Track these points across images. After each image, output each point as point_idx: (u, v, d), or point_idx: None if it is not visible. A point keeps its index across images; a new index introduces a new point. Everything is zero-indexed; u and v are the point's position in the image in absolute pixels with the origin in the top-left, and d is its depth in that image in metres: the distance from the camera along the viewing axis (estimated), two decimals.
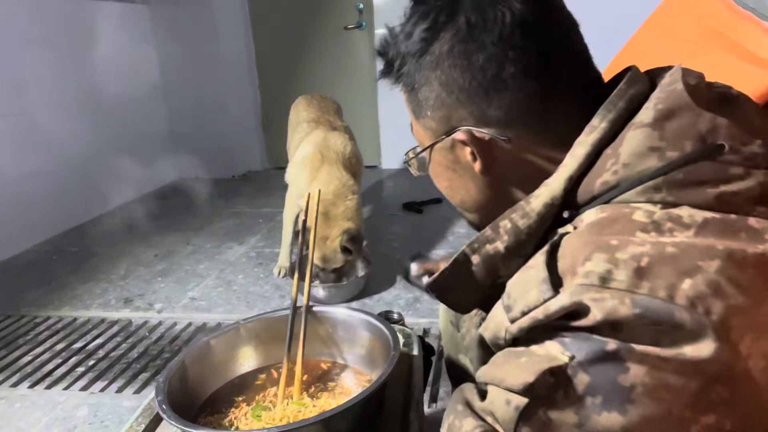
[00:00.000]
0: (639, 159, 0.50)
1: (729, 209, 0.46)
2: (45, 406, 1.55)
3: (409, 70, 0.61)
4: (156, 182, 3.93)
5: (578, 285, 0.45)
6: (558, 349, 0.44)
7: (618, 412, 0.41)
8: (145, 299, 2.20)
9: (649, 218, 0.47)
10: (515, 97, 0.56)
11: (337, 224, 2.04)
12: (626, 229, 0.46)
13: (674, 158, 0.48)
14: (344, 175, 2.15)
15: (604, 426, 0.41)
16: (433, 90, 0.60)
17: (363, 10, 3.92)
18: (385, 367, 0.70)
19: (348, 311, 0.90)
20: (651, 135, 0.50)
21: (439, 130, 0.61)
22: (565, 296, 0.44)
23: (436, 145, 0.63)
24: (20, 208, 2.81)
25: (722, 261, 0.43)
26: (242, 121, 4.18)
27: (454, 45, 0.57)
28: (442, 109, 0.60)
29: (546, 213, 0.53)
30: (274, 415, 0.76)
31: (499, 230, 0.55)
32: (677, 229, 0.45)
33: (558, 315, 0.44)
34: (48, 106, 3.02)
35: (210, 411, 0.79)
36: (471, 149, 0.59)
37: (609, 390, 0.41)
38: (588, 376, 0.42)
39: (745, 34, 0.75)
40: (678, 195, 0.47)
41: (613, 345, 0.42)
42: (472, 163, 0.60)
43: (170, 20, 3.91)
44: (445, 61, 0.58)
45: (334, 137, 2.28)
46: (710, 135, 0.49)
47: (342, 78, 4.09)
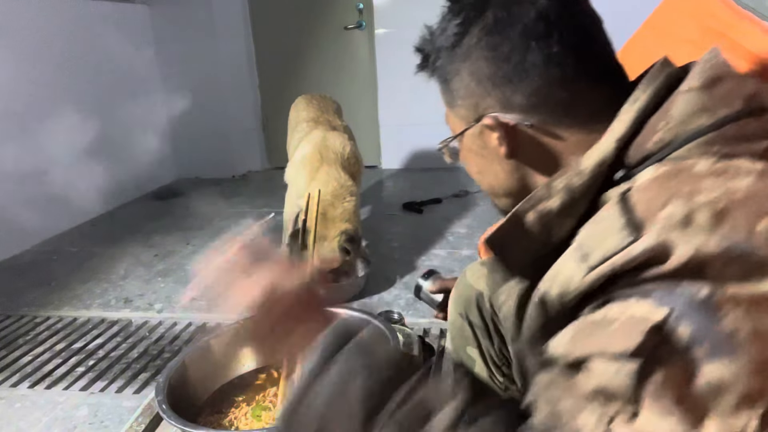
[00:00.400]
0: (691, 117, 0.53)
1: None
2: (45, 406, 1.55)
3: (443, 63, 0.67)
4: (156, 182, 3.93)
5: (661, 227, 0.44)
6: (649, 304, 0.42)
7: (728, 359, 0.39)
8: (145, 299, 2.20)
9: (709, 168, 0.48)
10: (538, 84, 0.60)
11: (335, 225, 2.04)
12: (693, 177, 0.47)
13: (724, 115, 0.51)
14: (343, 175, 2.15)
15: (717, 375, 0.39)
16: (463, 80, 0.65)
17: (363, 10, 3.92)
18: None
19: (348, 311, 0.90)
20: (701, 97, 0.53)
21: (469, 118, 0.67)
22: (649, 238, 0.44)
23: (466, 132, 0.68)
24: (20, 208, 2.81)
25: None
26: (242, 121, 4.18)
27: (482, 38, 0.62)
28: (472, 98, 0.65)
29: (598, 172, 0.56)
30: (274, 415, 0.76)
31: (552, 189, 0.58)
32: (738, 177, 0.46)
33: (642, 258, 0.43)
34: (47, 105, 3.02)
35: (210, 411, 0.79)
36: (497, 134, 0.64)
37: (713, 338, 0.39)
38: (689, 326, 0.40)
39: (745, 34, 0.75)
40: (732, 148, 0.50)
41: (705, 290, 0.41)
42: (498, 147, 0.65)
43: (170, 20, 3.91)
44: (474, 53, 0.63)
45: (333, 137, 2.28)
46: (756, 97, 0.53)
47: (342, 78, 4.09)
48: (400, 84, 3.89)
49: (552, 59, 0.60)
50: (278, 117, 3.16)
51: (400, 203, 3.20)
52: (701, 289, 0.41)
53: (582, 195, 0.56)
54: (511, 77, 0.61)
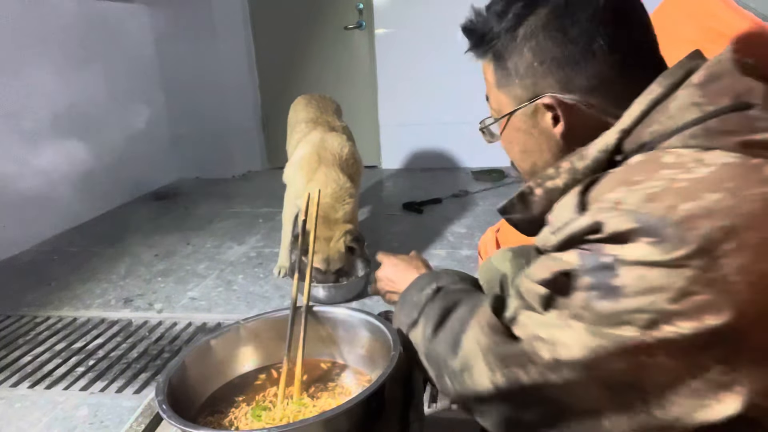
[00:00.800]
0: (682, 112, 0.59)
1: (753, 154, 0.54)
2: (45, 406, 1.55)
3: (503, 42, 0.70)
4: (156, 182, 3.93)
5: (597, 207, 0.56)
6: (575, 258, 0.56)
7: (611, 301, 0.53)
8: (145, 299, 2.20)
9: (676, 160, 0.56)
10: (601, 67, 0.66)
11: (338, 226, 2.05)
12: (654, 168, 0.56)
13: (710, 110, 0.57)
14: (341, 177, 2.15)
15: (601, 309, 0.54)
16: (524, 59, 0.68)
17: (363, 10, 3.92)
18: (385, 367, 0.70)
19: (348, 311, 0.90)
20: (695, 93, 0.59)
21: (524, 97, 0.70)
22: (587, 216, 0.56)
23: (517, 111, 0.71)
24: (20, 208, 2.81)
25: (724, 193, 0.51)
26: (242, 121, 4.18)
27: (550, 19, 0.66)
28: (531, 77, 0.69)
29: (600, 158, 0.64)
30: (274, 415, 0.76)
31: (559, 169, 0.66)
32: (698, 167, 0.54)
33: (583, 230, 0.55)
34: (47, 105, 3.02)
35: (210, 411, 0.79)
36: (553, 114, 0.68)
37: (604, 287, 0.53)
38: (589, 278, 0.54)
39: None
40: (710, 140, 0.56)
41: (607, 258, 0.53)
42: (552, 127, 0.69)
43: (170, 20, 3.91)
44: (540, 33, 0.67)
45: (331, 138, 2.28)
46: (745, 95, 0.57)
47: (342, 78, 4.09)
48: (400, 84, 3.90)
49: (617, 45, 0.65)
50: (278, 117, 3.16)
51: (400, 203, 3.20)
52: (608, 257, 0.53)
53: (584, 176, 0.64)
54: (578, 59, 0.66)
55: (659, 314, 0.51)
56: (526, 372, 0.58)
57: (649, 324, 0.51)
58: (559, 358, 0.56)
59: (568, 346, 0.55)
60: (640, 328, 0.52)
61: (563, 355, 0.56)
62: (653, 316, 0.51)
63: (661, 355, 0.52)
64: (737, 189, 0.51)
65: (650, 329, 0.51)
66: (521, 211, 0.72)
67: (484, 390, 0.62)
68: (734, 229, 0.50)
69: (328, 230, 2.03)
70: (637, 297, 0.52)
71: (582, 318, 0.55)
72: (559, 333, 0.56)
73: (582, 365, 0.55)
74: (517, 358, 0.59)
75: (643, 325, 0.52)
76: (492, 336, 0.62)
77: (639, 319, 0.52)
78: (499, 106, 0.74)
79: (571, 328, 0.55)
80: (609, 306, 0.53)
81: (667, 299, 0.51)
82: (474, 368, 0.63)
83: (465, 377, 0.65)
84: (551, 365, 0.56)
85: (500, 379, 0.60)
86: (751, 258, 0.50)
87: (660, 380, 0.53)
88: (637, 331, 0.52)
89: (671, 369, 0.52)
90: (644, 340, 0.52)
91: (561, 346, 0.56)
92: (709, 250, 0.50)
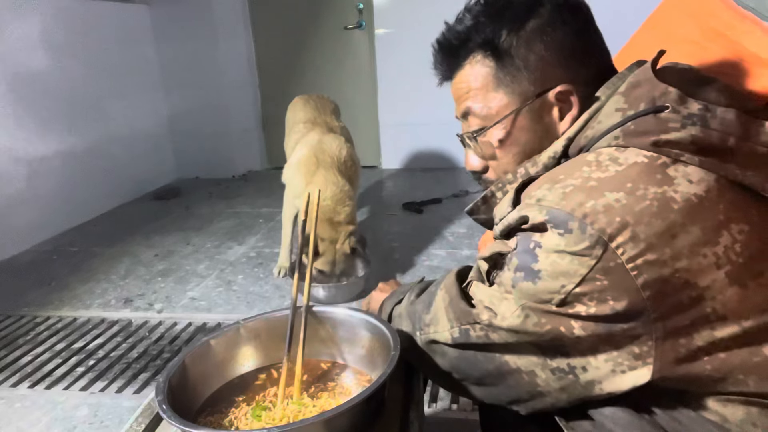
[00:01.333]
0: (609, 117, 0.67)
1: (663, 152, 0.61)
2: (45, 406, 1.56)
3: (507, 39, 0.72)
4: (156, 182, 3.94)
5: (525, 203, 0.65)
6: (513, 242, 0.65)
7: (532, 282, 0.62)
8: (145, 299, 2.20)
9: (596, 158, 0.64)
10: (603, 59, 0.73)
11: (342, 228, 2.06)
12: (576, 166, 0.64)
13: (629, 114, 0.65)
14: (340, 180, 2.14)
15: (525, 288, 0.63)
16: (534, 53, 0.71)
17: (363, 10, 3.92)
18: (385, 367, 0.70)
19: (348, 311, 0.90)
20: (619, 100, 0.67)
21: (530, 92, 0.73)
22: (516, 211, 0.65)
23: (524, 108, 0.74)
24: (20, 208, 2.81)
25: (624, 193, 0.59)
26: (242, 121, 4.18)
27: (559, 13, 0.71)
28: (541, 70, 0.72)
29: (549, 163, 0.72)
30: (274, 415, 0.76)
31: (516, 174, 0.74)
32: (611, 166, 0.62)
33: (516, 221, 0.64)
34: (47, 105, 3.02)
35: (210, 411, 0.78)
36: (560, 106, 0.73)
37: (527, 270, 0.62)
38: (517, 260, 0.64)
39: (745, 34, 0.75)
40: (628, 140, 0.63)
41: (532, 244, 0.62)
42: (558, 120, 0.74)
43: (170, 20, 3.91)
44: (545, 30, 0.71)
45: (329, 140, 2.27)
46: (660, 99, 0.64)
47: (342, 78, 4.09)
48: (400, 84, 3.89)
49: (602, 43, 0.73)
50: (278, 117, 3.16)
51: (400, 203, 3.20)
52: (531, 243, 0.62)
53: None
54: (585, 52, 0.72)
55: (569, 296, 0.60)
56: (473, 329, 0.68)
57: (562, 303, 0.60)
58: (496, 323, 0.66)
59: (504, 315, 0.65)
60: (556, 306, 0.61)
61: (499, 321, 0.65)
62: (564, 297, 0.60)
63: (577, 328, 0.60)
64: (635, 189, 0.59)
65: (563, 307, 0.60)
66: (485, 212, 0.79)
67: (443, 341, 0.73)
68: (627, 224, 0.57)
69: (333, 232, 2.03)
70: (550, 280, 0.60)
71: (512, 293, 0.65)
72: (498, 303, 0.66)
73: (514, 329, 0.64)
74: (467, 316, 0.69)
75: (557, 303, 0.61)
76: (452, 293, 0.72)
77: (554, 299, 0.61)
78: (497, 108, 0.75)
79: (506, 300, 0.65)
80: (530, 286, 0.62)
81: (574, 283, 0.59)
82: (439, 322, 0.73)
83: (431, 330, 0.75)
84: (491, 326, 0.66)
85: (456, 333, 0.71)
86: (642, 249, 0.57)
87: (580, 347, 0.61)
88: (554, 307, 0.61)
89: (587, 339, 0.61)
90: (561, 316, 0.61)
91: (499, 314, 0.66)
92: (606, 242, 0.57)
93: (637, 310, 0.57)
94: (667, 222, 0.58)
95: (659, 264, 0.57)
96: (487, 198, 0.78)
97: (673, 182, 0.60)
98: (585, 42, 0.72)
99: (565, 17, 0.71)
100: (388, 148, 4.16)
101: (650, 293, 0.57)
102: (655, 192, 0.59)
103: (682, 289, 0.57)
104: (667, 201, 0.58)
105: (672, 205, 0.58)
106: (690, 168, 0.60)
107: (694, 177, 0.60)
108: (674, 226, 0.58)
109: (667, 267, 0.57)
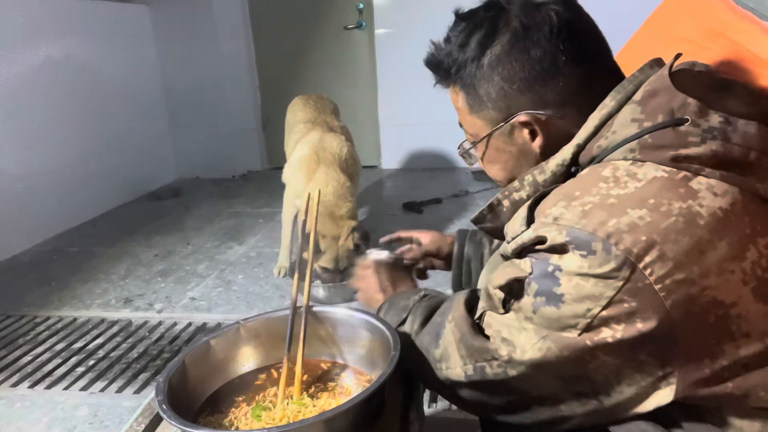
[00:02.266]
0: (624, 127, 0.64)
1: (682, 167, 0.59)
2: (45, 406, 1.56)
3: (470, 72, 0.73)
4: (156, 182, 3.93)
5: (540, 222, 0.62)
6: (528, 265, 0.62)
7: (555, 307, 0.59)
8: (145, 299, 2.20)
9: (612, 173, 0.61)
10: (567, 81, 0.69)
11: (344, 222, 2.06)
12: (592, 182, 0.62)
13: (647, 127, 0.62)
14: (341, 176, 2.15)
15: (548, 313, 0.60)
16: (495, 84, 0.71)
17: (363, 10, 3.92)
18: (385, 367, 0.70)
19: (348, 311, 0.89)
20: (635, 109, 0.64)
21: (499, 119, 0.73)
22: (531, 230, 0.62)
23: (495, 132, 0.75)
24: (20, 208, 2.81)
25: (647, 210, 0.57)
26: (242, 121, 4.18)
27: (513, 44, 0.69)
28: (504, 100, 0.72)
29: (558, 171, 0.69)
30: (274, 415, 0.76)
31: (524, 182, 0.73)
32: (630, 181, 0.60)
33: (531, 241, 0.61)
34: (48, 105, 3.02)
35: (210, 411, 0.78)
36: (530, 129, 0.72)
37: (549, 294, 0.60)
38: (537, 285, 0.61)
39: (745, 34, 0.75)
40: (645, 154, 0.61)
41: (550, 267, 0.60)
42: (530, 141, 0.73)
43: (170, 20, 3.91)
44: (506, 58, 0.70)
45: (330, 139, 2.28)
46: (679, 111, 0.61)
47: (342, 78, 4.09)
48: (400, 84, 3.89)
49: (579, 58, 0.69)
50: (278, 117, 3.16)
51: (400, 203, 3.20)
52: (551, 266, 0.60)
53: (544, 188, 0.70)
54: (545, 77, 0.69)
55: (595, 319, 0.57)
56: (490, 366, 0.66)
57: (587, 327, 0.58)
58: (516, 358, 0.63)
59: (523, 348, 0.62)
60: (580, 331, 0.58)
61: (519, 355, 0.63)
62: (590, 321, 0.58)
63: (601, 354, 0.58)
64: (658, 205, 0.57)
65: (588, 332, 0.58)
66: (491, 220, 0.78)
67: (457, 378, 0.70)
68: (654, 243, 0.55)
69: (335, 228, 2.03)
70: (575, 304, 0.58)
71: (532, 320, 0.62)
72: (516, 334, 0.63)
73: (535, 364, 0.62)
74: (483, 353, 0.67)
75: (582, 328, 0.58)
76: (463, 329, 0.69)
77: (579, 323, 0.58)
78: (475, 130, 0.77)
79: (526, 330, 0.62)
80: (553, 311, 0.60)
81: (600, 306, 0.57)
82: (450, 358, 0.71)
83: (443, 366, 0.72)
84: (510, 362, 0.64)
85: (471, 370, 0.68)
86: (671, 268, 0.55)
87: (604, 373, 0.60)
88: (578, 333, 0.59)
89: (612, 364, 0.59)
90: (585, 342, 0.58)
91: (518, 347, 0.63)
92: (633, 263, 0.55)
93: (664, 331, 0.56)
94: (695, 238, 0.56)
95: (688, 283, 0.55)
96: (493, 206, 0.77)
97: (697, 195, 0.58)
98: (554, 61, 0.68)
99: (526, 43, 0.69)
100: (388, 148, 4.16)
101: (678, 313, 0.55)
102: (680, 207, 0.57)
103: (710, 308, 0.55)
104: (693, 216, 0.56)
105: (698, 221, 0.56)
106: (712, 180, 0.59)
107: (719, 189, 0.58)
108: (702, 243, 0.56)
109: (696, 285, 0.55)
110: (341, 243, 2.03)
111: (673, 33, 0.88)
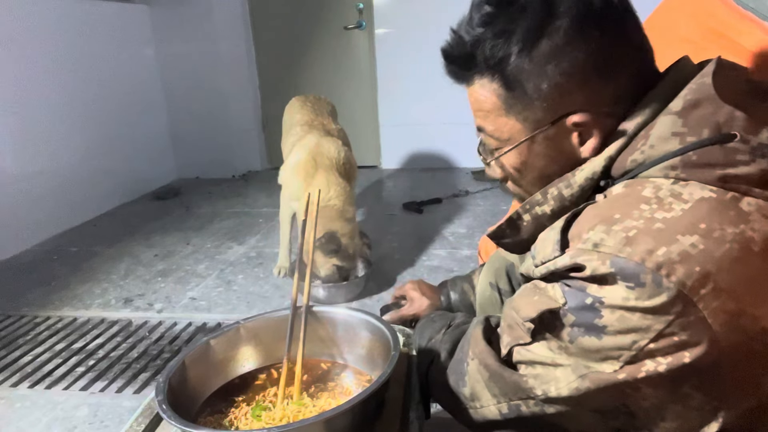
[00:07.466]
0: (663, 142, 0.58)
1: (730, 188, 0.55)
2: (45, 406, 1.55)
3: (516, 65, 0.62)
4: (156, 182, 3.93)
5: (578, 248, 0.56)
6: (560, 294, 0.57)
7: (596, 338, 0.55)
8: (145, 299, 2.20)
9: (654, 194, 0.56)
10: (627, 76, 0.62)
11: (355, 224, 2.11)
12: (633, 202, 0.56)
13: (691, 142, 0.56)
14: (341, 180, 2.15)
15: (587, 344, 0.56)
16: (547, 79, 0.61)
17: (363, 10, 3.92)
18: (385, 367, 0.70)
19: (348, 311, 0.90)
20: (676, 122, 0.58)
21: (545, 119, 0.64)
22: (567, 256, 0.57)
23: (538, 136, 0.65)
24: (20, 208, 2.81)
25: (699, 236, 0.52)
26: (242, 121, 4.18)
27: (577, 29, 0.60)
28: (557, 97, 0.62)
29: (586, 185, 0.63)
30: (274, 415, 0.76)
31: (547, 195, 0.66)
32: (676, 203, 0.55)
33: (565, 267, 0.57)
34: (48, 105, 3.02)
35: (210, 411, 0.79)
36: (580, 131, 0.63)
37: (588, 326, 0.56)
38: (574, 317, 0.57)
39: (745, 34, 0.75)
40: (689, 173, 0.56)
41: (589, 299, 0.55)
42: (578, 146, 0.65)
43: (170, 20, 3.91)
44: (567, 47, 0.60)
45: (327, 143, 2.26)
46: (726, 125, 0.56)
47: (342, 78, 4.09)
48: (400, 84, 3.89)
49: (633, 53, 0.62)
50: (278, 117, 3.15)
51: (400, 203, 3.20)
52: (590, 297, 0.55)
53: (571, 203, 0.64)
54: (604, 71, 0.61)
55: (640, 352, 0.54)
56: (526, 404, 0.63)
57: (630, 360, 0.54)
58: (552, 395, 0.60)
59: (559, 385, 0.59)
60: (621, 363, 0.55)
61: (555, 393, 0.60)
62: (634, 353, 0.54)
63: (643, 387, 0.55)
64: (710, 230, 0.53)
65: (631, 364, 0.54)
66: (511, 235, 0.72)
67: (493, 417, 0.68)
68: (709, 274, 0.52)
69: (349, 228, 2.05)
70: (618, 336, 0.54)
71: (567, 350, 0.58)
72: (552, 371, 0.60)
73: (572, 401, 0.59)
74: (517, 391, 0.64)
75: (624, 360, 0.55)
76: (490, 367, 0.66)
77: (621, 356, 0.55)
78: (509, 133, 0.67)
79: (561, 365, 0.59)
80: (593, 342, 0.56)
81: (647, 339, 0.53)
82: (482, 397, 0.69)
83: (477, 405, 0.70)
84: (546, 400, 0.61)
85: (505, 409, 0.66)
86: (725, 299, 0.52)
87: (645, 406, 0.56)
88: (618, 366, 0.55)
89: (654, 397, 0.55)
90: (626, 376, 0.55)
91: (552, 384, 0.60)
92: (686, 296, 0.51)
93: (711, 362, 0.53)
94: (750, 267, 0.52)
95: (739, 313, 0.52)
96: (512, 220, 0.70)
97: (749, 219, 0.54)
98: (613, 53, 0.61)
99: (586, 32, 0.60)
100: (388, 148, 4.16)
101: (728, 344, 0.52)
102: (733, 233, 0.53)
103: (758, 337, 0.53)
104: (746, 242, 0.53)
105: (752, 247, 0.53)
106: (761, 201, 0.55)
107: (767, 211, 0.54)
108: (755, 270, 0.53)
109: (747, 315, 0.52)
110: (356, 241, 2.06)
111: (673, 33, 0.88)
